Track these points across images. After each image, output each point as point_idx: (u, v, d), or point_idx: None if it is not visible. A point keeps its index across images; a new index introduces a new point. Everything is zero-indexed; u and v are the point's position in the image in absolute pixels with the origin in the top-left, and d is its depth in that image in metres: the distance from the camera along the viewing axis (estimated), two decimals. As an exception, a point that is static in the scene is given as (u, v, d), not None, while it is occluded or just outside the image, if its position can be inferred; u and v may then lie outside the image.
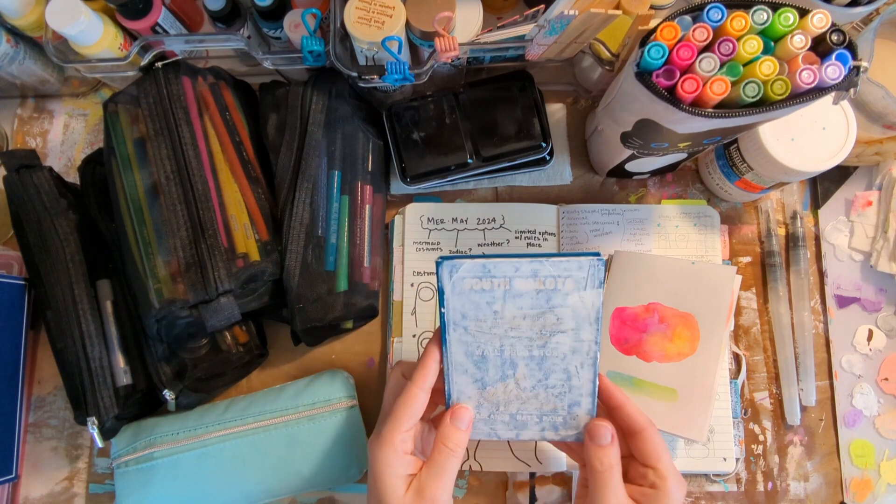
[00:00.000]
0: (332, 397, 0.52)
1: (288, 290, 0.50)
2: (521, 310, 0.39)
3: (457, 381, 0.41)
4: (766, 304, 0.59)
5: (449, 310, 0.40)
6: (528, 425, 0.42)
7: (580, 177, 0.62)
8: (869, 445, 0.56)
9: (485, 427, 0.42)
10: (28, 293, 0.56)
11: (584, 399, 0.41)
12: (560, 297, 0.39)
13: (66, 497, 0.56)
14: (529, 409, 0.42)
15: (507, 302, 0.39)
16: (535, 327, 0.40)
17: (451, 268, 0.39)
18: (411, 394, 0.40)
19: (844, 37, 0.37)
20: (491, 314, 0.40)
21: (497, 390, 0.41)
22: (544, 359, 0.40)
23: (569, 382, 0.41)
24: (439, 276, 0.39)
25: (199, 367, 0.51)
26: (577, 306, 0.39)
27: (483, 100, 0.56)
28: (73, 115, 0.63)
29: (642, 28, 0.44)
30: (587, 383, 0.41)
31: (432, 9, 0.47)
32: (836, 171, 0.58)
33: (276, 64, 0.53)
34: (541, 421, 0.42)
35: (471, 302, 0.39)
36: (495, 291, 0.39)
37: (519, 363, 0.41)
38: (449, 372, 0.41)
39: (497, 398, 0.42)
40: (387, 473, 0.39)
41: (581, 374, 0.41)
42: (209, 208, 0.48)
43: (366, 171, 0.56)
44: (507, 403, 0.42)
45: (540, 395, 0.41)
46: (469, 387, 0.41)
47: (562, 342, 0.40)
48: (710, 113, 0.38)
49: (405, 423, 0.39)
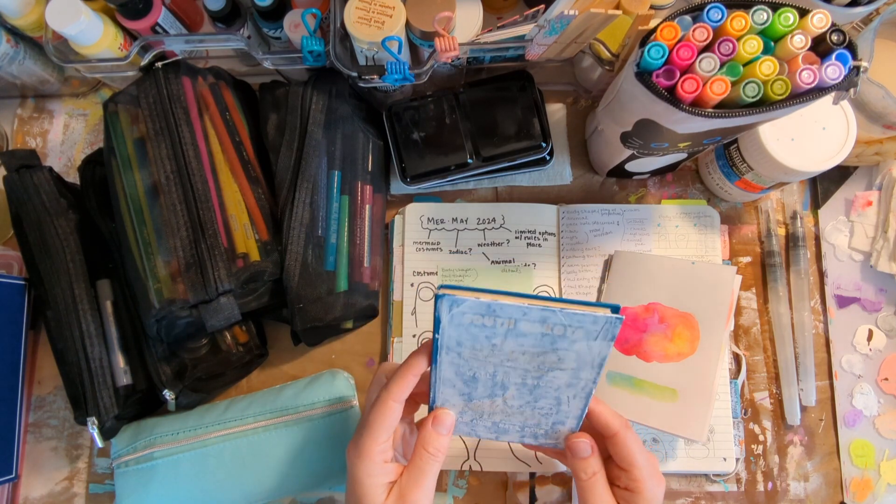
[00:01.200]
0: (332, 397, 0.52)
1: (288, 290, 0.50)
2: (521, 346, 0.37)
3: (443, 391, 0.40)
4: (766, 304, 0.59)
5: (444, 336, 0.37)
6: (510, 432, 0.42)
7: (580, 177, 0.62)
8: (869, 445, 0.56)
9: (465, 427, 0.42)
10: (28, 293, 0.56)
11: (570, 420, 0.41)
12: (566, 343, 0.36)
13: (66, 497, 0.56)
14: (513, 420, 0.41)
15: (509, 339, 0.37)
16: (533, 362, 0.38)
17: (450, 303, 0.35)
18: (387, 406, 0.39)
19: (844, 37, 0.37)
20: (489, 346, 0.37)
21: (483, 404, 0.41)
22: (537, 387, 0.39)
23: (558, 407, 0.40)
24: (437, 308, 0.36)
25: (199, 367, 0.51)
26: (583, 352, 0.37)
27: (483, 100, 0.56)
28: (73, 115, 0.63)
29: (642, 28, 0.44)
30: (576, 410, 0.40)
31: (432, 9, 0.47)
32: (836, 171, 0.58)
33: (276, 64, 0.53)
34: (522, 430, 0.42)
35: (469, 334, 0.37)
36: (497, 328, 0.36)
37: (510, 387, 0.39)
38: (436, 384, 0.40)
39: (482, 409, 0.41)
40: (366, 483, 0.38)
41: (572, 403, 0.40)
42: (209, 208, 0.48)
43: (366, 171, 0.56)
44: (491, 414, 0.41)
45: (526, 413, 0.41)
46: (455, 398, 0.40)
47: (558, 377, 0.38)
48: (710, 113, 0.38)
49: (382, 435, 0.39)
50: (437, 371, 0.39)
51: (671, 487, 0.55)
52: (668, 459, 0.54)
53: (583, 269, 0.58)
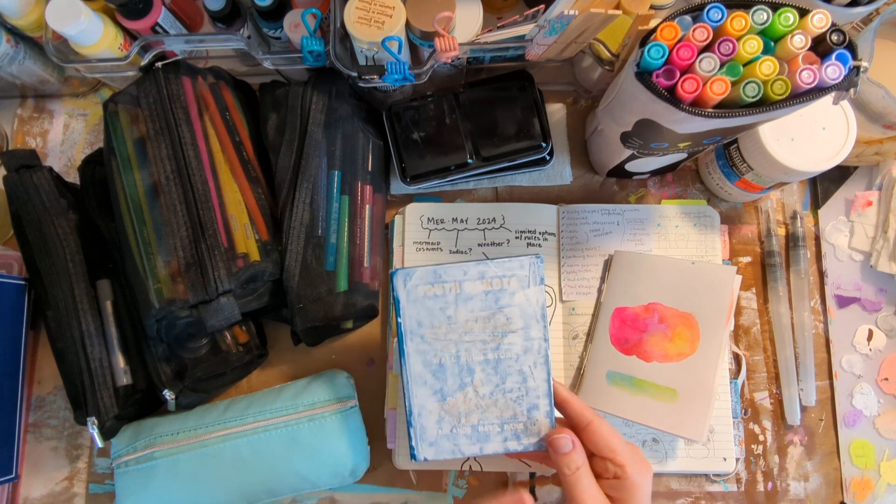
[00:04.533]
0: (332, 397, 0.52)
1: (288, 290, 0.50)
2: (472, 312, 0.42)
3: (416, 394, 0.42)
4: (766, 304, 0.59)
5: (405, 318, 0.42)
6: (491, 436, 0.42)
7: (580, 177, 0.62)
8: (869, 445, 0.56)
9: (448, 444, 0.43)
10: (28, 293, 0.56)
11: (542, 401, 0.42)
12: (507, 297, 0.41)
13: (66, 497, 0.56)
14: (490, 418, 0.42)
15: (459, 305, 0.42)
16: (487, 329, 0.42)
17: (404, 276, 0.41)
18: None
19: (844, 37, 0.37)
20: (445, 319, 0.42)
21: (457, 401, 0.42)
22: (499, 361, 0.42)
23: (525, 385, 0.42)
24: (394, 286, 0.41)
25: (199, 367, 0.51)
26: (524, 304, 0.42)
27: (483, 100, 0.56)
28: (73, 115, 0.63)
29: (642, 28, 0.44)
30: (542, 383, 0.42)
31: (432, 9, 0.47)
32: (836, 171, 0.58)
33: (276, 64, 0.53)
34: (503, 430, 0.42)
35: (425, 308, 0.42)
36: (447, 296, 0.42)
37: (476, 368, 0.42)
38: (408, 386, 0.42)
39: (458, 409, 0.42)
40: None
41: (535, 374, 0.42)
42: (209, 208, 0.48)
43: (366, 171, 0.56)
44: (467, 414, 0.42)
45: (499, 402, 0.42)
46: (429, 400, 0.42)
47: (514, 342, 0.42)
48: (710, 113, 0.38)
49: None
50: (406, 367, 0.42)
51: (671, 487, 0.55)
52: (668, 459, 0.54)
53: (583, 269, 0.58)
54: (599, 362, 0.54)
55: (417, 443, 0.42)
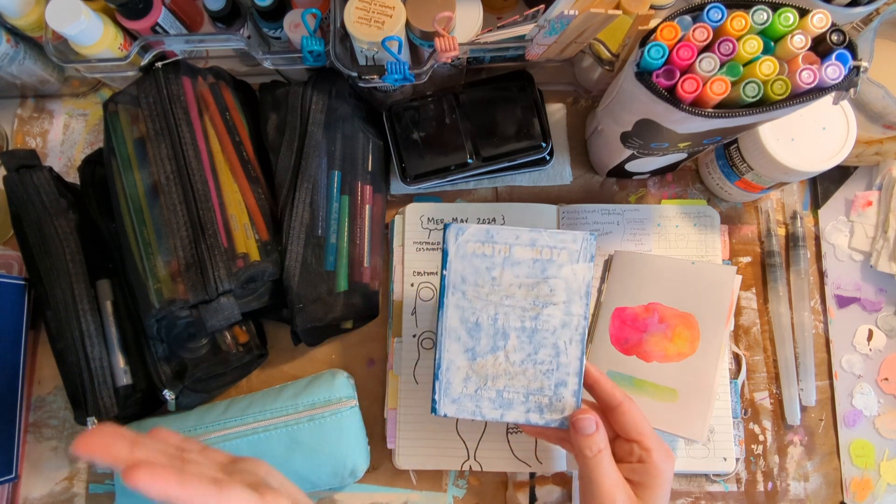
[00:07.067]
0: (332, 397, 0.52)
1: (288, 290, 0.50)
2: (517, 278, 0.42)
3: (449, 348, 0.43)
4: (766, 304, 0.59)
5: (451, 272, 0.42)
6: (514, 405, 0.42)
7: (580, 177, 0.62)
8: (869, 445, 0.56)
9: (470, 404, 0.43)
10: (28, 293, 0.56)
11: (571, 379, 0.42)
12: (554, 268, 0.42)
13: (66, 497, 0.56)
14: (517, 386, 0.42)
15: (506, 269, 0.42)
16: (529, 297, 0.42)
17: (457, 230, 0.42)
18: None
19: (844, 37, 0.37)
20: (489, 280, 0.42)
21: (487, 362, 0.42)
22: (535, 331, 0.42)
23: (557, 359, 0.42)
24: (445, 238, 0.42)
25: (199, 367, 0.51)
26: (570, 278, 0.42)
27: (483, 100, 0.56)
28: (73, 115, 0.63)
29: (642, 28, 0.44)
30: (574, 360, 0.42)
31: (432, 9, 0.47)
32: (836, 171, 0.58)
33: (276, 64, 0.53)
34: (527, 401, 0.42)
35: (472, 266, 0.42)
36: (496, 257, 0.42)
37: (511, 334, 0.42)
38: (442, 339, 0.43)
39: (486, 371, 0.42)
40: None
41: (569, 351, 0.42)
42: (209, 208, 0.48)
43: (366, 171, 0.56)
44: (495, 378, 0.42)
45: (528, 371, 0.42)
46: (459, 356, 0.43)
47: (553, 315, 0.42)
48: (710, 113, 0.38)
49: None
50: (443, 319, 0.43)
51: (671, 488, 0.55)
52: (668, 459, 0.54)
53: (583, 269, 0.58)
54: (599, 362, 0.54)
55: (441, 396, 0.43)
